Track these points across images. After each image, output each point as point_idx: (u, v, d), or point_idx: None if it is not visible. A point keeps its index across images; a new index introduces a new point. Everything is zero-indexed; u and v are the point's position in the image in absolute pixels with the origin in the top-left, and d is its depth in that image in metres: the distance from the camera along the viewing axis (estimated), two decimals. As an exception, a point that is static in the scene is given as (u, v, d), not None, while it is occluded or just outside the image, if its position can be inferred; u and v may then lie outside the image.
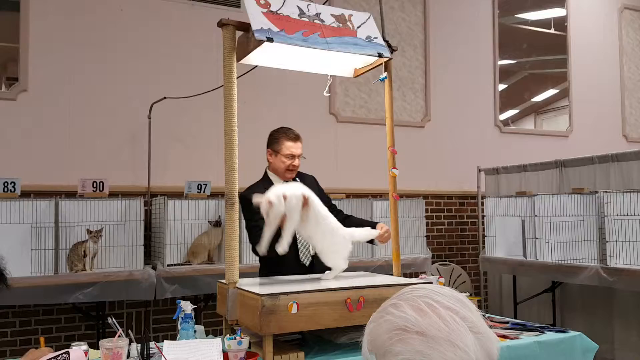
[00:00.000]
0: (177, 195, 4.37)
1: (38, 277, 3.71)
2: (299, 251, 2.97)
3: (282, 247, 2.49)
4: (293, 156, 2.97)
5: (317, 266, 2.86)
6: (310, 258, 2.97)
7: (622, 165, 4.59)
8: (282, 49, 2.53)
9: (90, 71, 4.64)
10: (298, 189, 2.59)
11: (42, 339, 2.43)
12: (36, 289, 3.66)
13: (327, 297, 2.25)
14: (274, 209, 2.44)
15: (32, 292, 3.65)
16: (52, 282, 3.72)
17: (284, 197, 2.46)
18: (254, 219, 2.76)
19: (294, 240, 2.92)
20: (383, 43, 2.73)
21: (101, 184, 4.01)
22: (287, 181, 2.97)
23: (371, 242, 2.99)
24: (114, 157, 4.67)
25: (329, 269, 2.71)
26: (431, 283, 1.36)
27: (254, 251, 2.78)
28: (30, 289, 3.63)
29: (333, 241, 2.67)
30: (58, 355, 1.91)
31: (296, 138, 3.01)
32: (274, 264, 2.92)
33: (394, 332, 1.00)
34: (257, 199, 2.49)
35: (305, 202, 2.56)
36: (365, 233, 2.83)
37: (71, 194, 4.08)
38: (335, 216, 2.78)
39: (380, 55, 2.68)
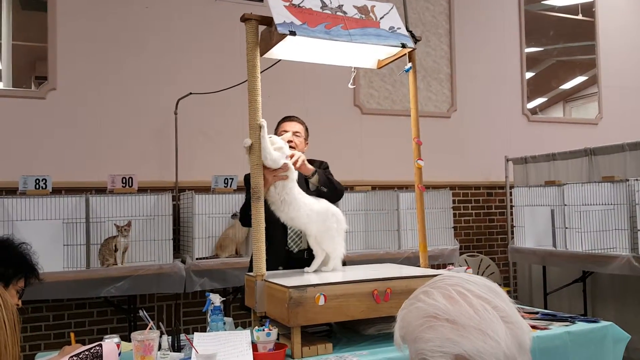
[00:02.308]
0: (204, 189, 4.42)
1: (70, 272, 3.78)
2: (288, 237, 2.98)
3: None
4: (285, 132, 3.06)
5: (308, 256, 2.86)
6: (300, 247, 2.98)
7: (654, 153, 4.50)
8: (305, 42, 2.53)
9: (116, 68, 4.70)
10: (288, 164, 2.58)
11: (72, 335, 2.47)
12: (68, 283, 3.73)
13: (354, 288, 2.25)
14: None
15: (64, 287, 3.73)
16: (84, 276, 3.79)
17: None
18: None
19: (284, 227, 2.89)
20: (406, 33, 2.72)
21: (130, 179, 4.07)
22: None
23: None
24: (142, 153, 4.73)
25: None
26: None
27: (241, 220, 2.95)
28: (62, 284, 3.71)
29: (318, 216, 2.61)
30: (91, 348, 1.95)
31: (290, 118, 3.19)
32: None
33: (425, 319, 1.01)
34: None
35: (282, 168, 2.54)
36: None
37: (101, 190, 4.16)
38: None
39: (403, 46, 2.67)
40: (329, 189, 2.90)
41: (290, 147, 2.99)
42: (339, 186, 3.02)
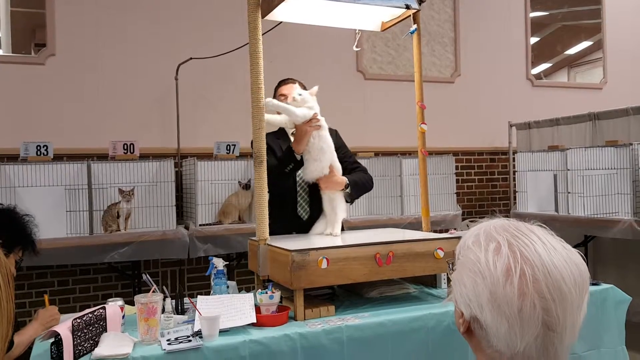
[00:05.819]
0: (207, 156, 4.40)
1: (74, 238, 3.79)
2: (297, 204, 2.92)
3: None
4: (284, 96, 2.93)
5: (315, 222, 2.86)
6: (309, 212, 2.93)
7: (658, 117, 4.47)
8: (307, 3, 2.50)
9: (116, 34, 4.65)
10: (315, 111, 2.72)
11: (46, 297, 2.47)
12: (72, 249, 3.76)
13: (357, 252, 2.26)
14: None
15: (68, 253, 3.75)
16: (87, 242, 3.81)
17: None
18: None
19: (293, 193, 2.91)
20: (410, -6, 2.68)
21: (132, 146, 4.05)
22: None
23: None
24: (144, 120, 4.70)
25: None
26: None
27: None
28: (66, 250, 3.73)
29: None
30: (95, 311, 1.97)
31: (285, 81, 3.09)
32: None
33: (473, 268, 0.98)
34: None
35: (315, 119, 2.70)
36: None
37: (103, 157, 4.14)
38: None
39: (407, 7, 2.63)
40: (359, 196, 3.00)
41: None
42: (369, 184, 3.03)
